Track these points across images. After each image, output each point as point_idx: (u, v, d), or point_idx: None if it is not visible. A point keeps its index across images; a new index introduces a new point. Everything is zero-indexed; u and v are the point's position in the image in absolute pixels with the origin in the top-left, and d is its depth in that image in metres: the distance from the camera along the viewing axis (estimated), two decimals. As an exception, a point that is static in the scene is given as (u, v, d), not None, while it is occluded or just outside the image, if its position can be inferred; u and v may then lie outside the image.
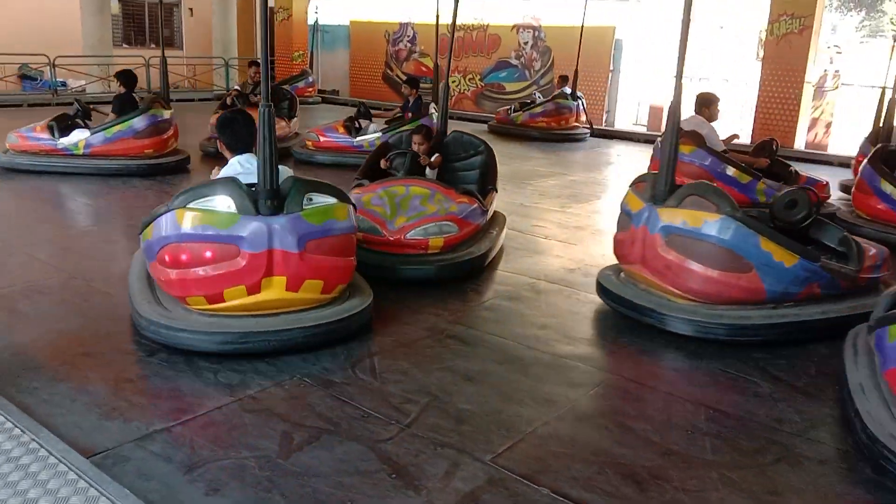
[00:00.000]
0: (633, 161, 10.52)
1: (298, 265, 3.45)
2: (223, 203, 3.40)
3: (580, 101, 12.56)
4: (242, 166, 3.64)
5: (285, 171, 3.63)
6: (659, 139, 6.70)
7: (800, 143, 11.97)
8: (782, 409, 3.21)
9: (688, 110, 5.94)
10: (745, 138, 12.45)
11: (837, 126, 13.08)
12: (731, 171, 6.45)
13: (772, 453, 2.83)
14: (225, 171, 3.66)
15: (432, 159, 5.42)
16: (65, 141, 7.56)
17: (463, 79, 15.98)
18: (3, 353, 3.36)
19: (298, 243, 3.43)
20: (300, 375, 3.26)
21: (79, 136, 7.58)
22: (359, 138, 8.92)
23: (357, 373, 3.33)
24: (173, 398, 3.03)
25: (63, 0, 16.48)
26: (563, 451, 2.78)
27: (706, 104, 6.60)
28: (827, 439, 2.98)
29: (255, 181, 3.43)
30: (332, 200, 3.62)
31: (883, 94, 8.35)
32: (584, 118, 12.66)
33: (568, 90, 12.52)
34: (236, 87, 10.77)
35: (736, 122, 13.29)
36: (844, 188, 8.14)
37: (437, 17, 9.84)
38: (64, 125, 7.67)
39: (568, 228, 6.38)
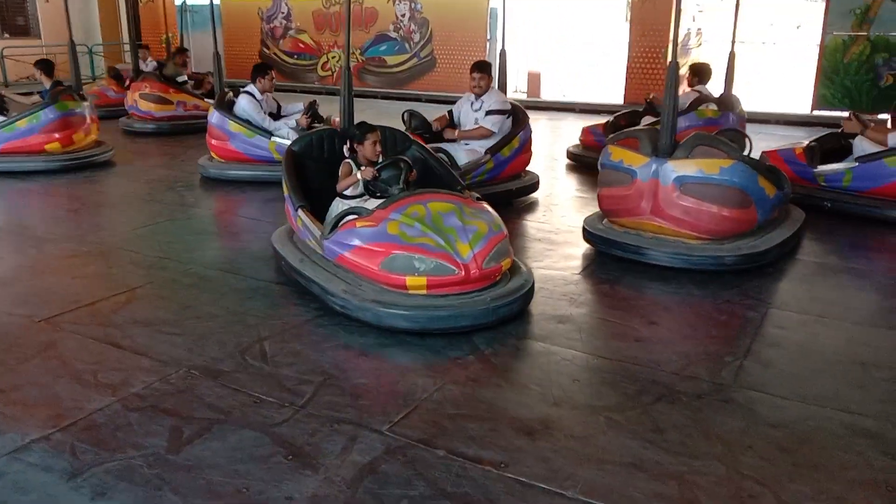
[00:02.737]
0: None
1: None
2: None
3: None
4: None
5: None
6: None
7: (671, 100, 12.49)
8: (660, 351, 3.40)
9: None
10: (618, 99, 12.96)
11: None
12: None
13: (652, 393, 2.99)
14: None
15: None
16: None
17: (343, 54, 15.73)
18: None
19: None
20: (186, 368, 3.17)
21: None
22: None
23: (247, 359, 3.26)
24: (50, 405, 2.86)
25: None
26: (459, 412, 2.83)
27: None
28: (703, 374, 3.17)
29: None
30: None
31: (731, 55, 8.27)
32: None
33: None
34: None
35: (612, 84, 13.76)
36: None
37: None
38: None
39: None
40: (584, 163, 7.79)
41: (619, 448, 2.60)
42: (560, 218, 5.81)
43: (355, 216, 3.84)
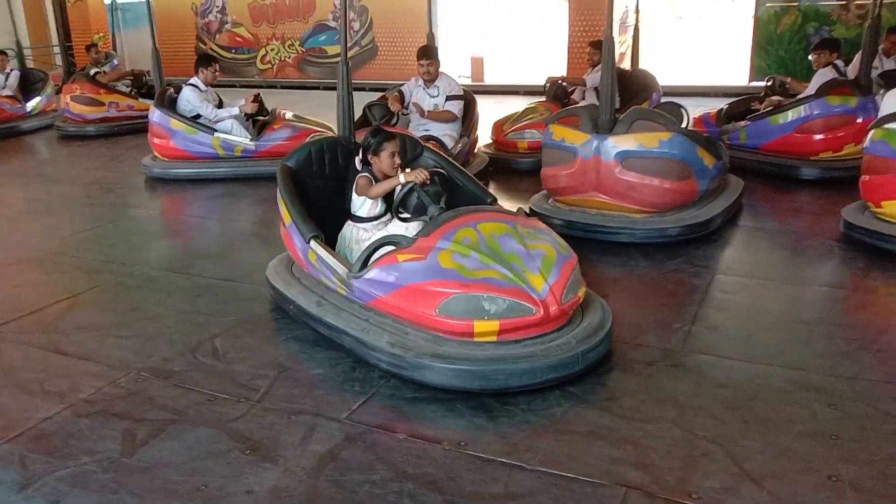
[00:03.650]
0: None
1: None
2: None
3: None
4: None
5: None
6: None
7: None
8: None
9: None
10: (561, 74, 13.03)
11: (643, 60, 13.92)
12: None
13: (604, 364, 3.04)
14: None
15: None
16: None
17: (282, 46, 15.48)
18: None
19: None
20: (136, 370, 3.10)
21: None
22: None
23: (198, 357, 3.20)
24: (-5, 417, 2.78)
25: None
26: (416, 396, 2.84)
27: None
28: (653, 342, 3.24)
29: None
30: None
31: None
32: None
33: None
34: None
35: (555, 64, 13.84)
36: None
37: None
38: None
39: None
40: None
41: (575, 418, 2.65)
42: (508, 200, 5.84)
43: (392, 247, 3.15)
